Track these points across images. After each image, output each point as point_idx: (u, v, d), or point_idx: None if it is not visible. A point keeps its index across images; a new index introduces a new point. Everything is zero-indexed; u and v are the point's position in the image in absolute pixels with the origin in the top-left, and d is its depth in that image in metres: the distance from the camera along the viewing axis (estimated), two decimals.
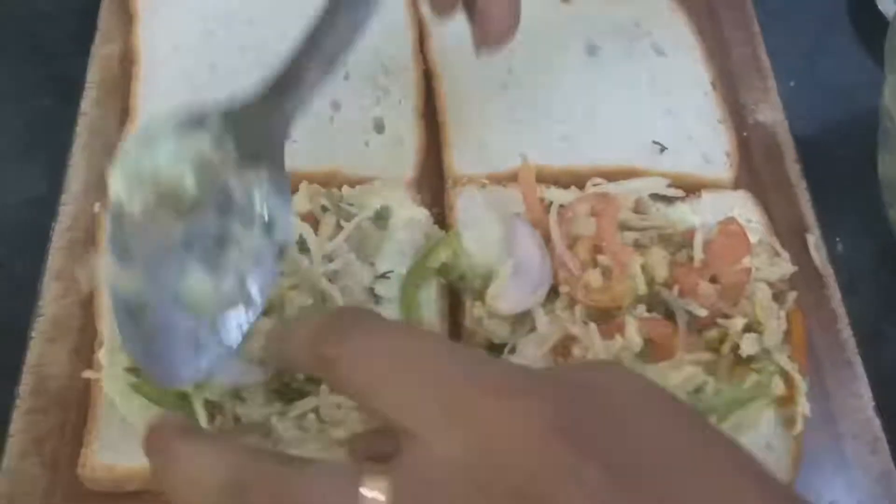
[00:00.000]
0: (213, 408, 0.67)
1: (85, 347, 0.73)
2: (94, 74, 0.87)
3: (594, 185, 0.80)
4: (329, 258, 0.72)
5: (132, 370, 0.69)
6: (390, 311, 0.72)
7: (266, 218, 0.60)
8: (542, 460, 0.44)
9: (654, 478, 0.44)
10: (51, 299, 0.75)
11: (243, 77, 0.85)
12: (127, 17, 0.90)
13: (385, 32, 0.91)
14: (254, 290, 0.59)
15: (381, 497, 0.44)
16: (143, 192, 0.59)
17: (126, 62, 0.87)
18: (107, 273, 0.59)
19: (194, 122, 0.60)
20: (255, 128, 0.60)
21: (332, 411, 0.67)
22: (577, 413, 0.46)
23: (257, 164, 0.60)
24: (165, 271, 0.59)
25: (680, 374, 0.69)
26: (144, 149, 0.59)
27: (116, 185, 0.58)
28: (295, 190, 0.78)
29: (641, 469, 0.44)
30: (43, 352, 0.73)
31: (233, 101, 0.61)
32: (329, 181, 0.81)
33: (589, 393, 0.47)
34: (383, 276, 0.74)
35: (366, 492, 0.44)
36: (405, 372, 0.47)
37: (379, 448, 0.50)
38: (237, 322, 0.59)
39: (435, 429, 0.45)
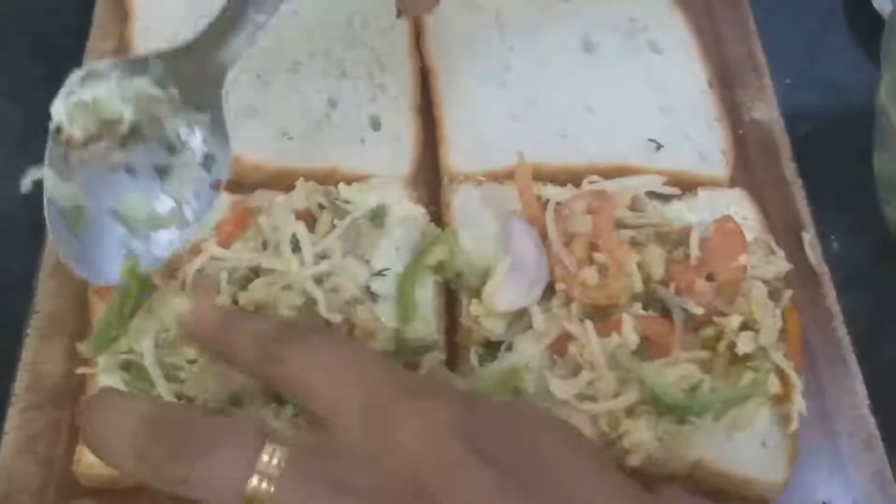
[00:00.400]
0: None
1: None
2: None
3: (591, 182, 0.80)
4: (322, 256, 0.72)
5: (126, 367, 0.69)
6: (387, 308, 0.72)
7: (206, 156, 0.67)
8: (443, 458, 0.48)
9: (548, 489, 0.48)
10: (46, 296, 0.75)
11: (238, 74, 0.86)
12: (122, 14, 0.90)
13: (381, 29, 0.91)
14: (189, 215, 0.67)
15: (276, 462, 0.48)
16: (84, 121, 0.66)
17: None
18: (46, 184, 0.67)
19: (137, 66, 0.66)
20: (194, 72, 0.67)
21: None
22: (480, 421, 0.51)
23: (198, 106, 0.67)
24: (106, 188, 0.67)
25: (676, 371, 0.69)
26: (87, 83, 0.66)
27: (58, 111, 0.66)
28: (291, 187, 0.78)
29: (536, 480, 0.48)
30: (38, 349, 0.73)
31: (173, 47, 0.67)
32: (326, 178, 0.80)
33: (494, 408, 0.53)
34: (380, 273, 0.74)
35: (265, 455, 0.49)
36: (336, 373, 0.53)
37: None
38: (169, 239, 0.67)
39: (350, 420, 0.50)
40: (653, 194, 0.80)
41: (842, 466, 0.74)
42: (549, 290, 0.74)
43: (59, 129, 0.67)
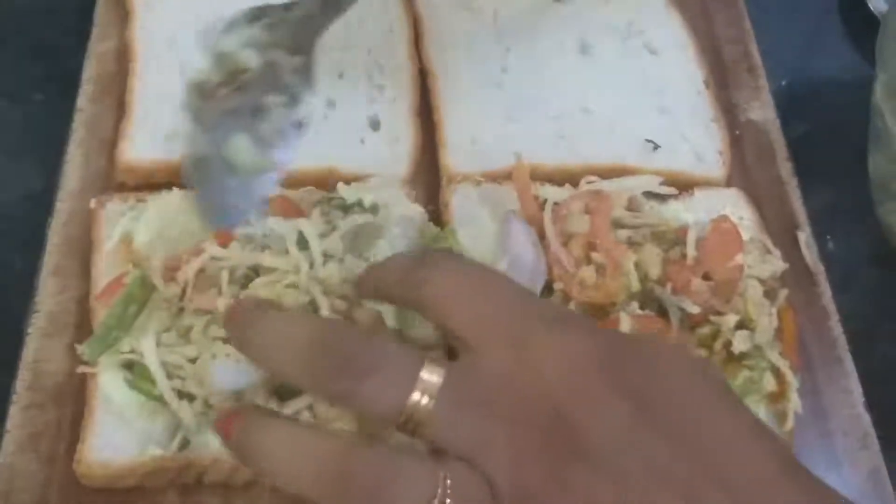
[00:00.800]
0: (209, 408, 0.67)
1: (81, 343, 0.72)
2: (90, 70, 0.88)
3: (588, 182, 0.80)
4: (326, 255, 0.72)
5: (128, 366, 0.69)
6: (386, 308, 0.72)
7: (291, 96, 0.71)
8: (581, 389, 0.50)
9: (680, 425, 0.49)
10: (47, 295, 0.75)
11: None
12: (123, 13, 0.90)
13: (380, 30, 0.92)
14: (279, 156, 0.71)
15: (436, 379, 0.51)
16: (220, 70, 0.71)
17: (122, 58, 0.87)
18: (187, 134, 0.71)
19: (259, 11, 0.72)
20: (299, 22, 0.72)
21: (326, 408, 0.67)
22: (620, 355, 0.52)
23: (297, 51, 0.71)
24: (221, 134, 0.71)
25: None
26: (224, 33, 0.71)
27: (203, 62, 0.71)
28: (290, 186, 0.78)
29: (669, 415, 0.49)
30: (39, 347, 0.73)
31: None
32: (324, 179, 0.81)
33: (634, 344, 0.54)
34: None
35: (424, 373, 0.51)
36: (478, 297, 0.55)
37: None
38: (267, 184, 0.71)
39: (495, 345, 0.52)
40: (650, 194, 0.81)
41: (837, 465, 0.75)
42: (547, 290, 0.74)
43: (202, 83, 0.71)
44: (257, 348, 0.57)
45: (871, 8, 0.99)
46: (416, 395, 0.51)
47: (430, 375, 0.51)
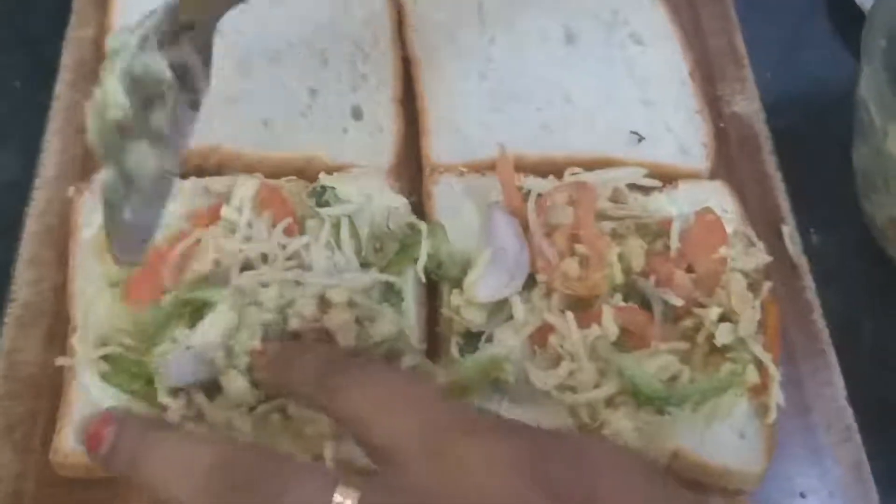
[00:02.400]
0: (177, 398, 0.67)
1: (58, 333, 0.72)
2: (68, 58, 0.87)
3: (572, 174, 0.80)
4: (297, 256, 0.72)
5: (106, 357, 0.68)
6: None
7: (185, 74, 0.63)
8: (507, 494, 0.49)
9: None
10: (24, 284, 0.75)
11: (219, 62, 0.86)
12: (102, 0, 0.89)
13: (363, 18, 0.91)
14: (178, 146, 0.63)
15: (350, 502, 0.49)
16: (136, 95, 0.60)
17: (101, 45, 0.86)
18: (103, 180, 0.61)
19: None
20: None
21: (302, 409, 0.67)
22: (545, 455, 0.50)
23: (192, 25, 0.63)
24: (117, 148, 0.61)
25: (655, 362, 0.69)
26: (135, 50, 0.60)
27: (115, 93, 0.59)
28: (271, 175, 0.78)
29: None
30: (15, 337, 0.73)
31: None
32: (306, 168, 0.80)
33: (559, 442, 0.53)
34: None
35: (337, 496, 0.49)
36: (394, 409, 0.53)
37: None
38: (168, 188, 0.63)
39: (415, 458, 0.50)
40: (634, 186, 0.81)
41: (819, 458, 0.75)
42: (531, 282, 0.74)
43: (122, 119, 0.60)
44: (158, 480, 0.54)
45: (857, 2, 0.99)
46: None
47: (345, 498, 0.49)
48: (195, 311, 0.69)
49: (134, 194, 0.60)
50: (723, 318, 0.72)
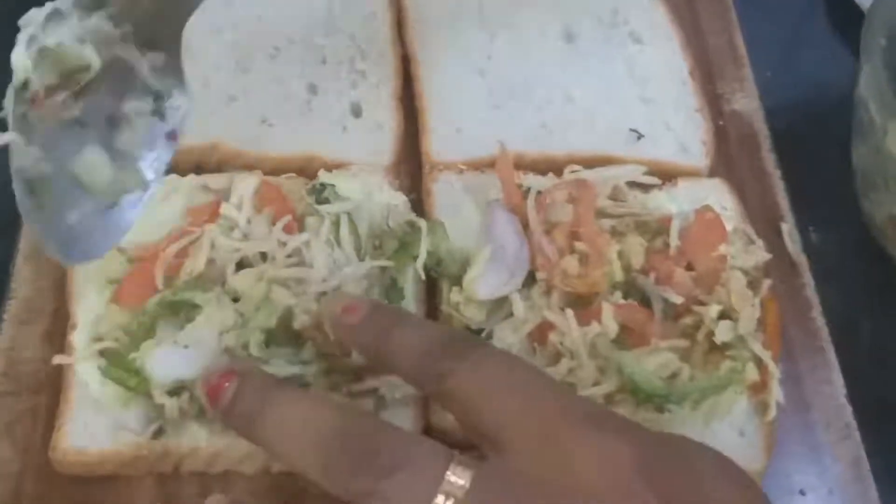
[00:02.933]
0: (179, 395, 0.67)
1: (57, 330, 0.72)
2: None
3: (571, 171, 0.80)
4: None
5: (105, 353, 0.68)
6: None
7: (157, 100, 0.61)
8: (621, 492, 0.48)
9: None
10: (23, 281, 0.75)
11: (218, 59, 0.86)
12: None
13: (363, 16, 0.91)
14: (148, 173, 0.61)
15: (462, 483, 0.48)
16: (48, 68, 0.57)
17: None
18: (11, 149, 0.58)
19: (94, 0, 0.58)
20: (153, 9, 0.60)
21: None
22: (658, 457, 0.50)
23: (154, 46, 0.60)
24: (64, 150, 0.59)
25: (655, 359, 0.69)
26: (49, 26, 0.57)
27: (23, 63, 0.57)
28: (271, 173, 0.78)
29: None
30: (14, 335, 0.72)
31: None
32: (306, 166, 0.80)
33: (670, 447, 0.52)
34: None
35: (450, 475, 0.49)
36: (509, 394, 0.52)
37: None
38: (135, 204, 0.61)
39: (527, 446, 0.50)
40: (633, 184, 0.81)
41: (819, 455, 0.75)
42: (530, 279, 0.74)
43: (24, 85, 0.57)
44: (275, 439, 0.54)
45: (856, 0, 0.99)
46: (440, 499, 0.48)
47: (457, 478, 0.49)
48: (191, 309, 0.69)
49: (86, 200, 0.60)
50: (722, 316, 0.72)
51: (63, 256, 0.61)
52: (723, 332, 0.71)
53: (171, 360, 0.66)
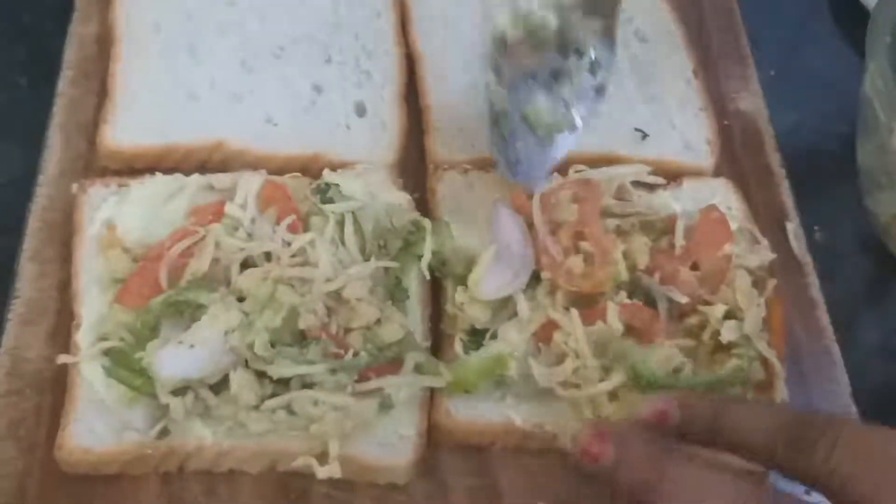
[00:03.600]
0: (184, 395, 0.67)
1: (62, 330, 0.72)
2: (71, 54, 0.86)
3: (576, 171, 0.80)
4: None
5: (110, 353, 0.68)
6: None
7: (593, 61, 0.75)
8: None
9: None
10: (27, 281, 0.74)
11: (222, 59, 0.86)
12: None
13: (367, 16, 0.91)
14: (577, 118, 0.76)
15: None
16: (518, 27, 0.74)
17: (104, 42, 0.86)
18: (486, 84, 0.75)
19: None
20: None
21: (309, 407, 0.67)
22: None
23: (595, 13, 0.74)
24: (521, 93, 0.75)
25: (659, 353, 0.69)
26: None
27: (503, 18, 0.74)
28: (278, 173, 0.78)
29: None
30: (19, 334, 0.72)
31: None
32: (310, 165, 0.80)
33: None
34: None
35: None
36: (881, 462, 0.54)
37: None
38: (565, 143, 0.76)
39: None
40: (638, 183, 0.80)
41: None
42: (535, 279, 0.74)
43: (501, 38, 0.74)
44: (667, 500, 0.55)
45: (861, 0, 0.99)
46: None
47: None
48: (196, 309, 0.69)
49: (530, 135, 0.75)
50: (728, 316, 0.72)
51: (510, 175, 0.76)
52: (728, 332, 0.71)
53: (176, 359, 0.66)
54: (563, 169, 0.81)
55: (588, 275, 0.73)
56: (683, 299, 0.72)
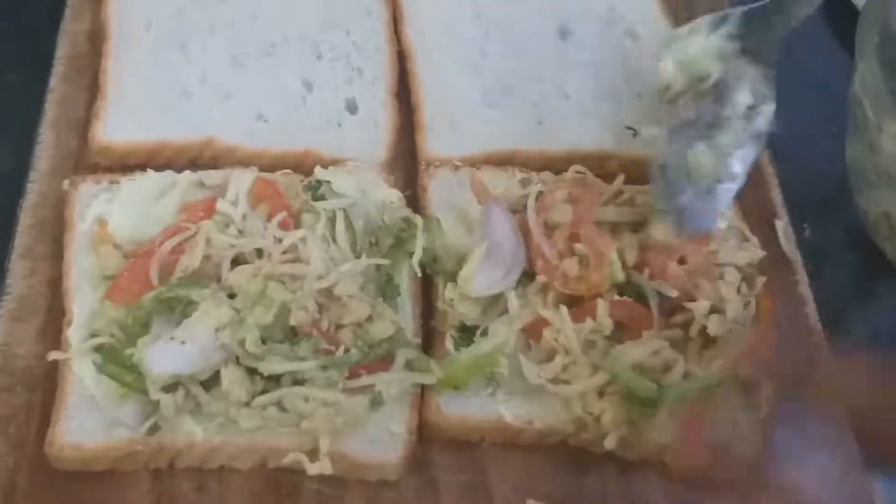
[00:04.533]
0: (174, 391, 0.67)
1: (52, 327, 0.72)
2: (62, 51, 0.86)
3: (576, 172, 0.80)
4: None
5: (101, 349, 0.69)
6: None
7: (749, 107, 0.73)
8: None
9: None
10: (18, 278, 0.74)
11: (214, 56, 0.86)
12: None
13: (359, 12, 0.91)
14: (737, 167, 0.73)
15: None
16: (682, 74, 0.74)
17: (96, 39, 0.86)
18: (651, 136, 0.76)
19: (719, 20, 0.74)
20: (763, 28, 0.73)
21: (300, 404, 0.67)
22: None
23: (754, 59, 0.73)
24: (680, 143, 0.73)
25: (648, 347, 0.70)
26: (688, 39, 0.74)
27: (668, 66, 0.74)
28: (269, 170, 0.78)
29: None
30: (10, 331, 0.72)
31: (752, 6, 0.74)
32: (301, 162, 0.80)
33: None
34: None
35: None
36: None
37: None
38: (727, 193, 0.73)
39: None
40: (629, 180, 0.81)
41: (812, 451, 0.75)
42: (526, 276, 0.74)
43: (666, 88, 0.74)
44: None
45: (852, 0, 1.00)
46: None
47: None
48: (187, 305, 0.69)
49: (691, 186, 0.72)
50: (714, 311, 0.72)
51: (676, 230, 0.74)
52: (715, 326, 0.71)
53: (166, 356, 0.66)
54: (553, 166, 0.81)
55: (583, 278, 0.73)
56: (673, 293, 0.72)
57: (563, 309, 0.71)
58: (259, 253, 0.72)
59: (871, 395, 0.58)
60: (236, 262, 0.72)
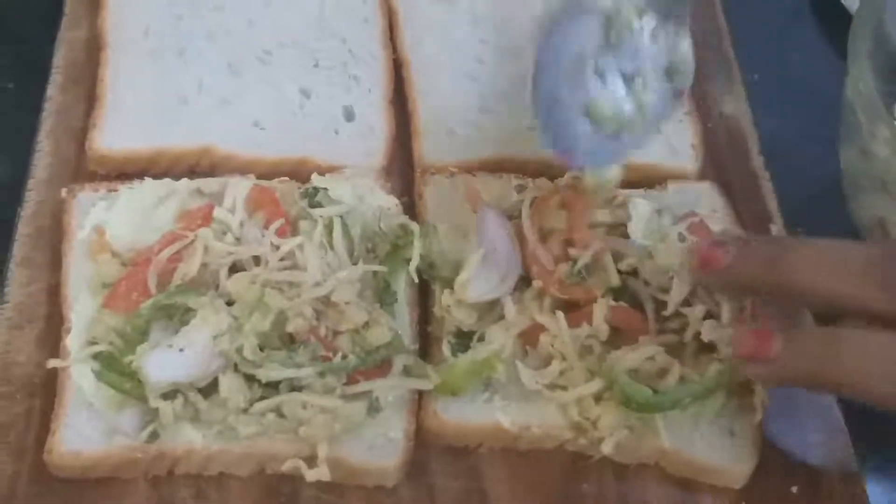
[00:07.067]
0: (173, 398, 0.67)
1: (51, 334, 0.72)
2: (60, 59, 0.87)
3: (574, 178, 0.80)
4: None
5: (100, 357, 0.69)
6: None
7: (668, 66, 0.73)
8: None
9: None
10: (16, 286, 0.75)
11: (211, 63, 0.86)
12: (94, 2, 0.89)
13: (355, 20, 0.91)
14: (650, 116, 0.72)
15: None
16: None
17: (93, 47, 0.87)
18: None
19: None
20: None
21: (298, 410, 0.67)
22: None
23: (665, 16, 0.73)
24: (582, 86, 0.72)
25: (644, 352, 0.70)
26: None
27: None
28: (266, 177, 0.78)
29: None
30: (9, 339, 0.73)
31: None
32: (298, 170, 0.81)
33: None
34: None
35: None
36: (842, 275, 0.62)
37: None
38: (630, 142, 0.73)
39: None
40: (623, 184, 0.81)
41: (807, 455, 0.75)
42: (522, 282, 0.74)
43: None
44: (855, 375, 0.61)
45: (844, 3, 1.00)
46: None
47: None
48: (186, 313, 0.69)
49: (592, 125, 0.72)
50: (708, 316, 0.72)
51: (567, 157, 0.73)
52: (708, 331, 0.71)
53: (165, 363, 0.67)
54: (549, 172, 0.81)
55: (580, 284, 0.73)
56: (668, 297, 0.73)
57: (560, 314, 0.72)
58: (256, 260, 0.72)
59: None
60: (234, 269, 0.72)
